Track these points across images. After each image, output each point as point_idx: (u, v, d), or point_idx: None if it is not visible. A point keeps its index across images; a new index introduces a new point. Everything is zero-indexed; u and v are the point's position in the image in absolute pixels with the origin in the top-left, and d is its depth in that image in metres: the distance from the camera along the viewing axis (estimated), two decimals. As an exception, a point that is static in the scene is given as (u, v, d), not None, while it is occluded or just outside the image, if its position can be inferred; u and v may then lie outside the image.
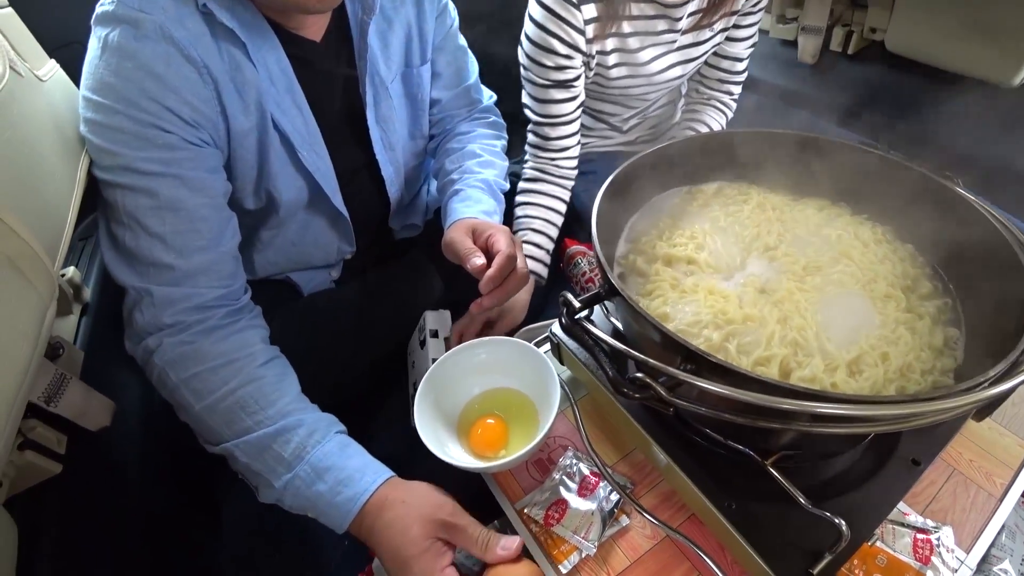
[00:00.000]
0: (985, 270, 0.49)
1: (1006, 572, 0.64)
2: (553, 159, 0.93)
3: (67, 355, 0.67)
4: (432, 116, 0.86)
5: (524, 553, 0.54)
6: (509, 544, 0.51)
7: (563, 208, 0.94)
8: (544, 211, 0.93)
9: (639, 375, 0.34)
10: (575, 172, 0.95)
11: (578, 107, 0.90)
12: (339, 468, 0.54)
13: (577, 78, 0.85)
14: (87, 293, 0.84)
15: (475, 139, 0.87)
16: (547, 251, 0.92)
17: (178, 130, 0.55)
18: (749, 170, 0.64)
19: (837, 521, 0.43)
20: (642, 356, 0.34)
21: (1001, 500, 0.58)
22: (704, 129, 1.01)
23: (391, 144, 0.78)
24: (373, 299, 0.83)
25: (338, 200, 0.73)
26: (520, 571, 0.50)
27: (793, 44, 1.23)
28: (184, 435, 0.72)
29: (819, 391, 0.32)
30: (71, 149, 0.57)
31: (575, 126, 0.91)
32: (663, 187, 0.63)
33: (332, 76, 0.69)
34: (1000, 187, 0.87)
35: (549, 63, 0.82)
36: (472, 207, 0.75)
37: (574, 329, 0.40)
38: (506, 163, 0.88)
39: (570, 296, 0.41)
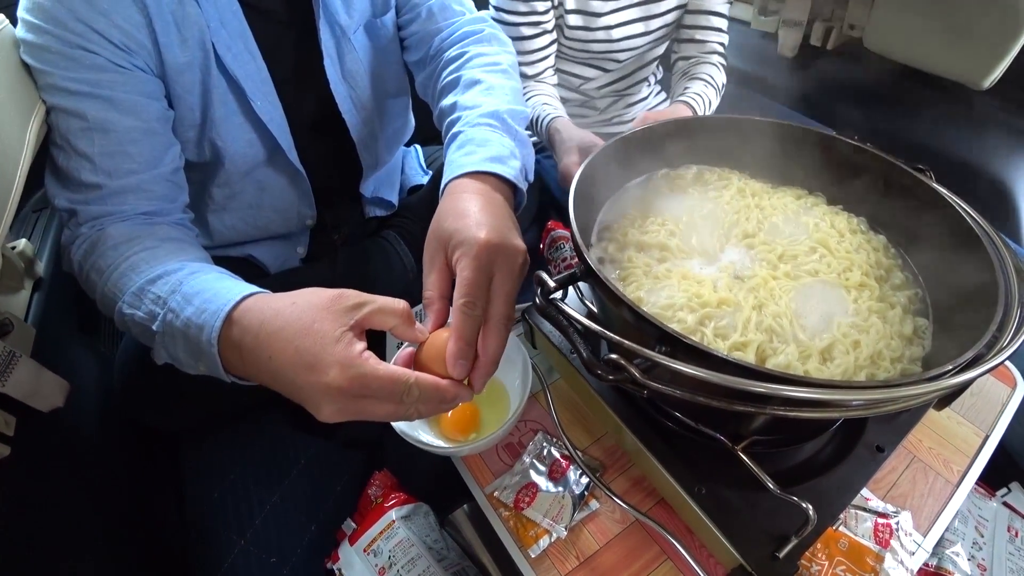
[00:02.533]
0: (954, 263, 0.49)
1: (958, 555, 0.66)
2: (538, 82, 0.99)
3: (17, 332, 0.64)
4: (408, 38, 0.76)
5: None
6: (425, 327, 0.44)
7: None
8: (547, 98, 0.96)
9: (613, 356, 0.33)
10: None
11: (551, 44, 0.96)
12: (209, 289, 0.45)
13: (546, 12, 0.92)
14: (40, 268, 0.80)
15: (470, 62, 0.69)
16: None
17: (107, 53, 0.54)
18: (727, 156, 0.63)
19: (805, 505, 0.44)
20: (616, 337, 0.33)
21: (957, 486, 0.60)
22: (703, 83, 1.00)
23: (361, 103, 0.74)
24: (344, 279, 0.80)
25: (294, 156, 0.70)
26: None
27: (774, 37, 1.23)
28: (147, 415, 0.70)
29: (793, 375, 0.32)
30: (21, 107, 0.54)
31: (550, 60, 0.98)
32: (641, 170, 0.62)
33: (287, 24, 0.66)
34: (966, 185, 0.89)
35: None
36: (474, 154, 0.55)
37: (548, 309, 0.39)
38: (519, 83, 0.70)
39: (544, 276, 0.40)
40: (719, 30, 0.99)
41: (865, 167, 0.58)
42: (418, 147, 1.03)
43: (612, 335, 0.34)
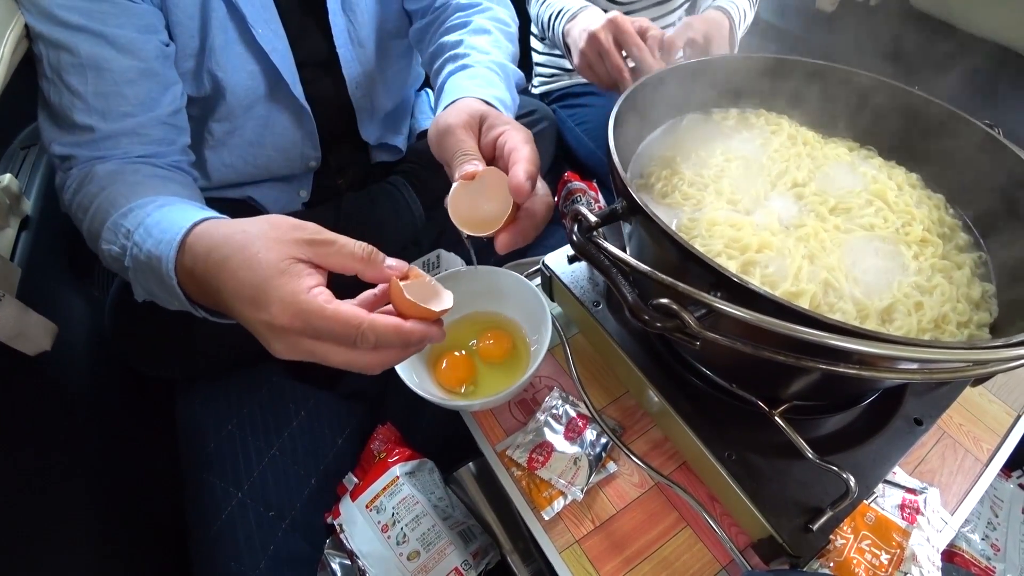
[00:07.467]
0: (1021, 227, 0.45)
1: (972, 533, 0.65)
2: None
3: (1, 270, 0.60)
4: None
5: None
6: (400, 265, 0.39)
7: None
8: None
9: (664, 301, 0.29)
10: None
11: None
12: (167, 219, 0.42)
13: None
14: (28, 206, 0.75)
15: (481, 12, 0.70)
16: None
17: None
18: (770, 99, 0.58)
19: (845, 476, 0.40)
20: (671, 280, 0.29)
21: (986, 465, 0.57)
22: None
23: (359, 40, 0.70)
24: (347, 224, 0.76)
25: (299, 90, 0.66)
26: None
27: (813, -11, 1.16)
28: (139, 362, 0.67)
29: (881, 333, 0.27)
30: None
31: None
32: (679, 110, 0.57)
33: None
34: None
35: None
36: (484, 88, 0.55)
37: (587, 247, 0.34)
38: (517, 50, 0.69)
39: (585, 210, 0.36)
40: None
41: (924, 119, 0.52)
42: (429, 91, 0.96)
43: (664, 277, 0.30)
